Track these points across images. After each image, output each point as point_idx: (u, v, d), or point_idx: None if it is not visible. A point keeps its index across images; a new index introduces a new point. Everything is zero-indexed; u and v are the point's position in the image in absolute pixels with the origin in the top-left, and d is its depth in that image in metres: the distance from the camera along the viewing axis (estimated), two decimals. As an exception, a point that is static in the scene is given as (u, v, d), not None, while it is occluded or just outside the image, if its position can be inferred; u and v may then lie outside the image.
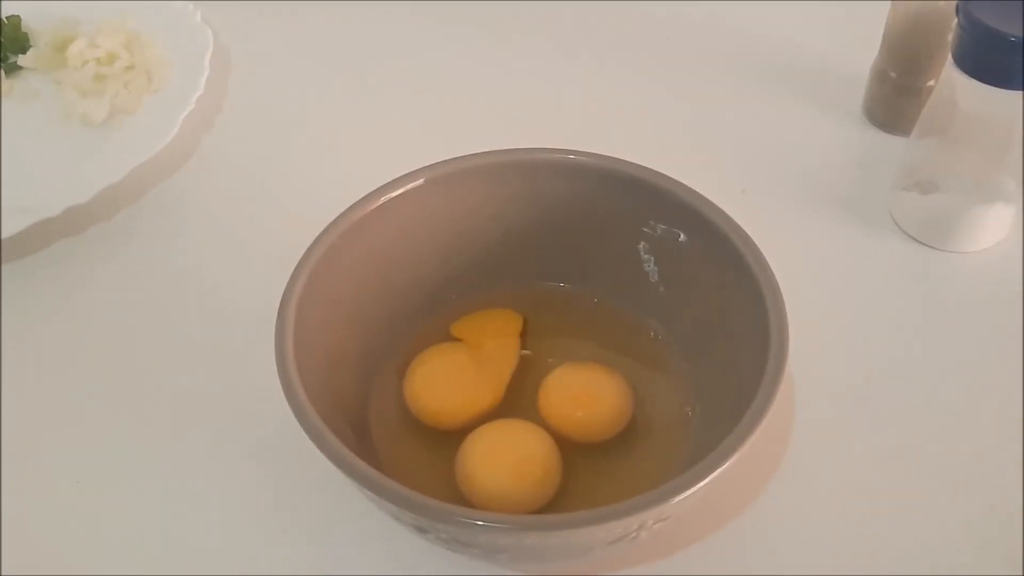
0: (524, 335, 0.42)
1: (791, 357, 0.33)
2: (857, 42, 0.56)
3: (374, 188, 0.39)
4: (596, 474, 0.38)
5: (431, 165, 0.40)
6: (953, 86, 0.43)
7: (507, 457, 0.36)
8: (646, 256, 0.41)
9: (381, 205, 0.39)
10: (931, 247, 0.48)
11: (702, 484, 0.30)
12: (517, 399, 0.40)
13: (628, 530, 0.31)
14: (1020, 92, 0.41)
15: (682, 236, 0.39)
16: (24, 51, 0.60)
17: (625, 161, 0.40)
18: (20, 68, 0.60)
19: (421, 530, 0.32)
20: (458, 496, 0.36)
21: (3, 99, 0.58)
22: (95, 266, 0.50)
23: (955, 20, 0.42)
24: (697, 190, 0.38)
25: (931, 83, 0.51)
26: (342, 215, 0.38)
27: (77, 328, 0.48)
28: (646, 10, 0.64)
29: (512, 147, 0.41)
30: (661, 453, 0.38)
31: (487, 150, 0.40)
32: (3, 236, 0.48)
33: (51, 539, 0.40)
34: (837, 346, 0.44)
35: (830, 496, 0.40)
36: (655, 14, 0.64)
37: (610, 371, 0.39)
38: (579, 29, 0.64)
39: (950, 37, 0.43)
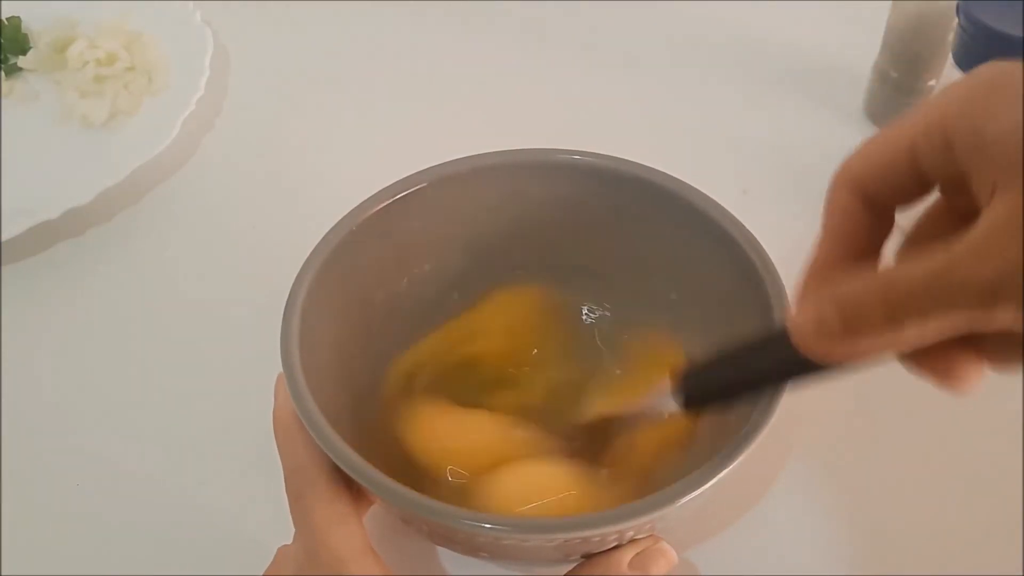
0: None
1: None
2: (858, 42, 0.56)
3: (381, 188, 0.39)
4: None
5: (437, 165, 0.40)
6: (954, 86, 0.43)
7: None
8: (654, 258, 0.41)
9: (390, 204, 0.39)
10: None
11: (653, 515, 0.29)
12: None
13: (605, 541, 0.31)
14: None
15: (689, 240, 0.39)
16: (24, 52, 0.60)
17: (634, 162, 0.39)
18: (20, 69, 0.60)
19: (405, 520, 0.33)
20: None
21: (3, 100, 0.58)
22: (95, 267, 0.50)
23: (955, 20, 0.42)
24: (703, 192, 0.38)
25: (932, 83, 0.51)
26: (352, 212, 0.38)
27: (77, 330, 0.48)
28: (647, 10, 0.64)
29: (517, 147, 0.40)
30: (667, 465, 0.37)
31: (494, 150, 0.40)
32: (3, 238, 0.48)
33: (51, 539, 0.40)
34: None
35: (830, 498, 0.40)
36: (656, 14, 0.64)
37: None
38: (580, 29, 0.64)
39: (950, 37, 0.43)
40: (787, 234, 0.49)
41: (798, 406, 0.40)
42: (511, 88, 0.60)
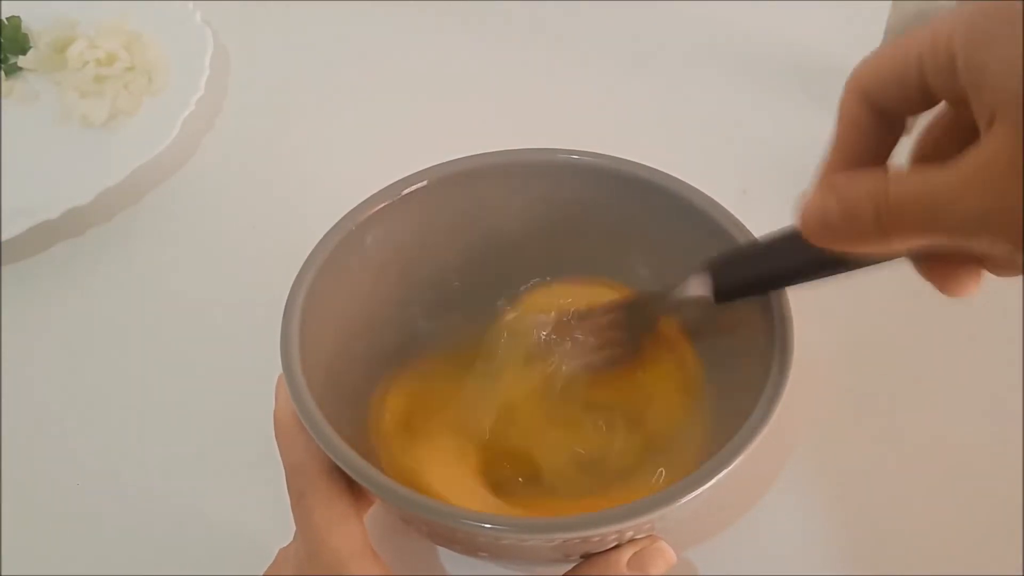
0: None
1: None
2: (859, 41, 0.56)
3: (381, 188, 0.39)
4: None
5: (437, 165, 0.40)
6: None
7: None
8: (653, 258, 0.41)
9: (390, 204, 0.38)
10: (932, 247, 0.48)
11: (652, 515, 0.29)
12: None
13: (605, 541, 0.31)
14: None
15: (689, 240, 0.39)
16: (24, 52, 0.60)
17: (634, 162, 0.39)
18: (20, 69, 0.60)
19: (405, 520, 0.33)
20: None
21: (3, 100, 0.58)
22: (95, 268, 0.50)
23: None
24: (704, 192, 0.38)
25: (932, 83, 0.51)
26: (352, 212, 0.38)
27: (77, 330, 0.48)
28: (647, 10, 0.64)
29: (516, 147, 0.40)
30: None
31: (493, 150, 0.40)
32: (3, 238, 0.48)
33: (51, 539, 0.40)
34: (837, 346, 0.44)
35: (830, 498, 0.40)
36: (656, 14, 0.64)
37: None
38: (580, 29, 0.63)
39: (951, 37, 0.43)
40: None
41: (798, 406, 0.40)
42: (511, 88, 0.60)
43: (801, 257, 0.31)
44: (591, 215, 0.41)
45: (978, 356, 0.44)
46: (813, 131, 0.55)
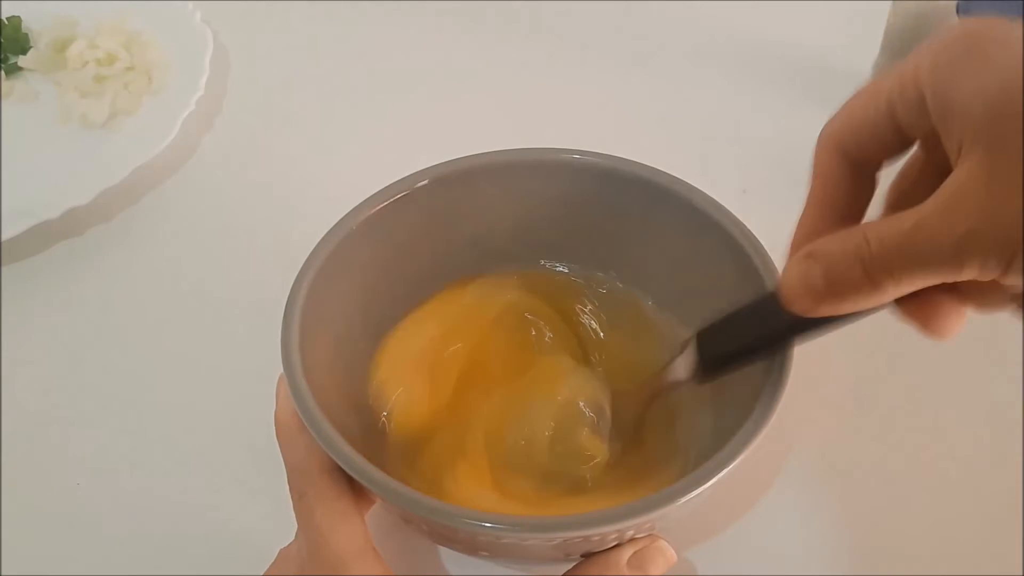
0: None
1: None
2: (858, 41, 0.56)
3: (381, 188, 0.39)
4: None
5: (437, 164, 0.40)
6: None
7: None
8: (653, 258, 0.41)
9: (390, 204, 0.38)
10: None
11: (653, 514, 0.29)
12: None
13: (605, 540, 0.31)
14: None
15: (689, 239, 0.39)
16: (24, 52, 0.60)
17: (634, 162, 0.39)
18: (20, 69, 0.60)
19: (405, 519, 0.33)
20: None
21: (3, 100, 0.58)
22: (95, 267, 0.50)
23: (955, 20, 0.41)
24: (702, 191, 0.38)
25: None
26: (352, 212, 0.38)
27: (77, 330, 0.48)
28: (647, 10, 0.64)
29: (518, 147, 0.40)
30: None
31: (495, 150, 0.40)
32: (3, 238, 0.48)
33: (51, 539, 0.40)
34: (838, 346, 0.44)
35: (830, 499, 0.40)
36: (655, 14, 0.64)
37: None
38: (580, 29, 0.63)
39: (951, 37, 0.43)
40: (787, 233, 0.49)
41: (798, 406, 0.40)
42: (511, 88, 0.60)
43: (785, 322, 0.30)
44: (591, 215, 0.41)
45: (978, 357, 0.44)
46: (813, 131, 0.55)
